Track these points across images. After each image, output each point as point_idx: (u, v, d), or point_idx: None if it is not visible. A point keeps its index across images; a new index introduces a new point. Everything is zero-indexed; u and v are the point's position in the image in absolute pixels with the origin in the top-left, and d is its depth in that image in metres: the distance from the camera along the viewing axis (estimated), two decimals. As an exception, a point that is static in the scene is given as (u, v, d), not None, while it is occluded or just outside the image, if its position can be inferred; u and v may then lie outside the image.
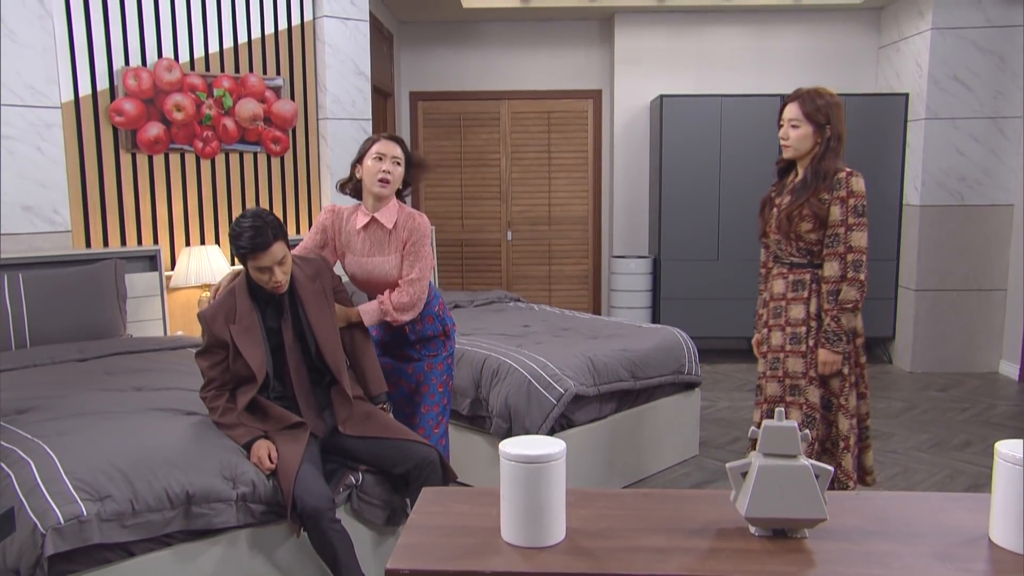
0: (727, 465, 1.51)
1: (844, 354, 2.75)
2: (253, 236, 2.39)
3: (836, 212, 2.71)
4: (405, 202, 2.91)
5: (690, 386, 4.12)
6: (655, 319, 6.27)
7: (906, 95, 5.91)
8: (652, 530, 1.48)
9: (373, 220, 2.77)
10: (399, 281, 2.76)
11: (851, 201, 2.70)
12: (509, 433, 3.34)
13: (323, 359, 2.61)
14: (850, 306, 2.72)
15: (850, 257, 2.70)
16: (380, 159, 2.73)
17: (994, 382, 5.62)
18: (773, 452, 1.46)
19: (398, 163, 2.74)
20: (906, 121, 5.93)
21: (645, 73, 6.59)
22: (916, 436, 4.50)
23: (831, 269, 2.73)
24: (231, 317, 2.52)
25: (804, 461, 1.45)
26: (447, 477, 2.59)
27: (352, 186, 2.84)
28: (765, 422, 1.49)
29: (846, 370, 2.77)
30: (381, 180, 2.71)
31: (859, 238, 2.70)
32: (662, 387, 3.94)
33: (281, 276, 2.48)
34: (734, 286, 6.06)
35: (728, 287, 6.10)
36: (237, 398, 2.54)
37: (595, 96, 6.92)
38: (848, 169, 2.73)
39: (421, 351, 2.88)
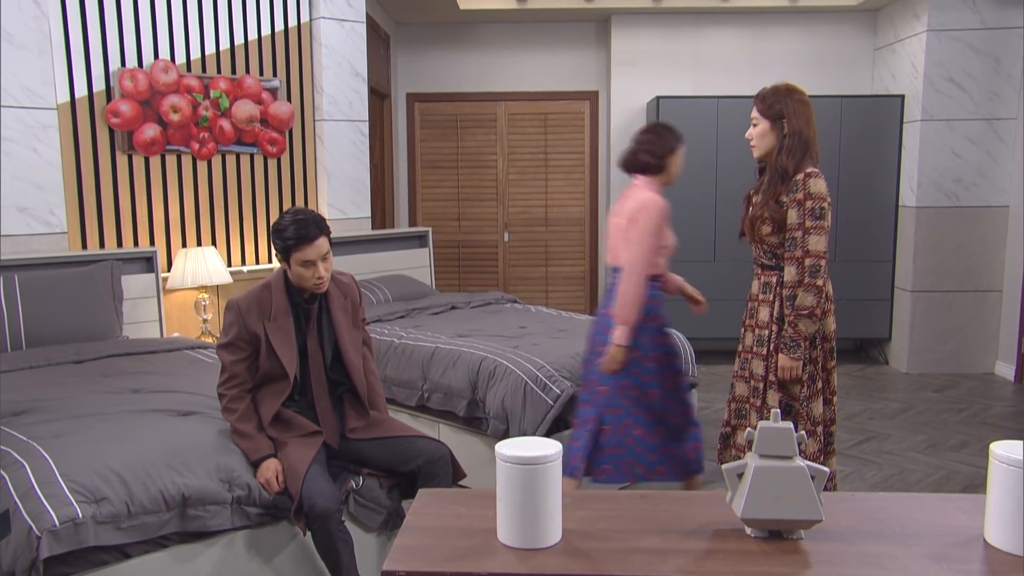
0: (723, 466, 1.52)
1: (805, 360, 2.65)
2: (298, 228, 2.41)
3: (793, 215, 2.60)
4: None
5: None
6: (652, 320, 6.26)
7: (902, 96, 5.93)
8: (648, 531, 1.49)
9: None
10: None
11: (808, 203, 2.57)
12: (506, 434, 3.34)
13: (346, 371, 2.61)
14: (806, 312, 2.60)
15: (807, 262, 2.59)
16: None
17: (990, 383, 5.63)
18: (769, 453, 1.47)
19: None
20: (902, 123, 5.94)
21: (642, 74, 6.59)
22: (912, 437, 4.51)
23: (789, 274, 2.63)
24: (267, 312, 2.49)
25: (800, 462, 1.46)
26: (456, 475, 2.60)
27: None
28: (760, 423, 1.49)
29: (806, 376, 2.68)
30: None
31: (816, 242, 2.57)
32: (659, 388, 3.94)
33: (324, 272, 2.47)
34: (730, 287, 6.06)
35: (724, 288, 6.10)
36: (260, 406, 2.51)
37: (592, 97, 6.93)
38: (809, 170, 2.61)
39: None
